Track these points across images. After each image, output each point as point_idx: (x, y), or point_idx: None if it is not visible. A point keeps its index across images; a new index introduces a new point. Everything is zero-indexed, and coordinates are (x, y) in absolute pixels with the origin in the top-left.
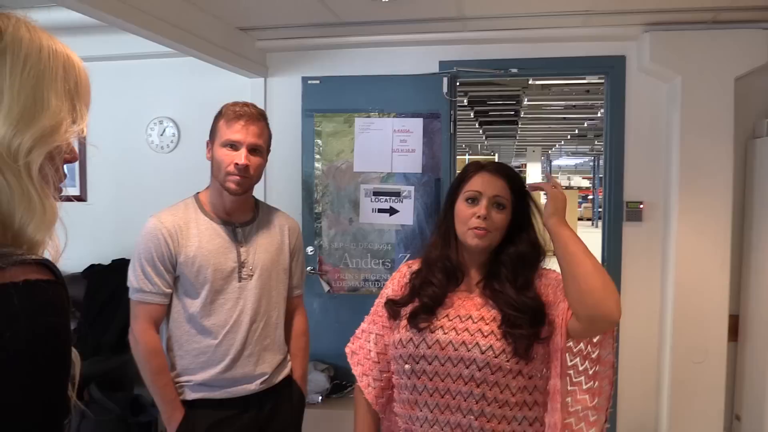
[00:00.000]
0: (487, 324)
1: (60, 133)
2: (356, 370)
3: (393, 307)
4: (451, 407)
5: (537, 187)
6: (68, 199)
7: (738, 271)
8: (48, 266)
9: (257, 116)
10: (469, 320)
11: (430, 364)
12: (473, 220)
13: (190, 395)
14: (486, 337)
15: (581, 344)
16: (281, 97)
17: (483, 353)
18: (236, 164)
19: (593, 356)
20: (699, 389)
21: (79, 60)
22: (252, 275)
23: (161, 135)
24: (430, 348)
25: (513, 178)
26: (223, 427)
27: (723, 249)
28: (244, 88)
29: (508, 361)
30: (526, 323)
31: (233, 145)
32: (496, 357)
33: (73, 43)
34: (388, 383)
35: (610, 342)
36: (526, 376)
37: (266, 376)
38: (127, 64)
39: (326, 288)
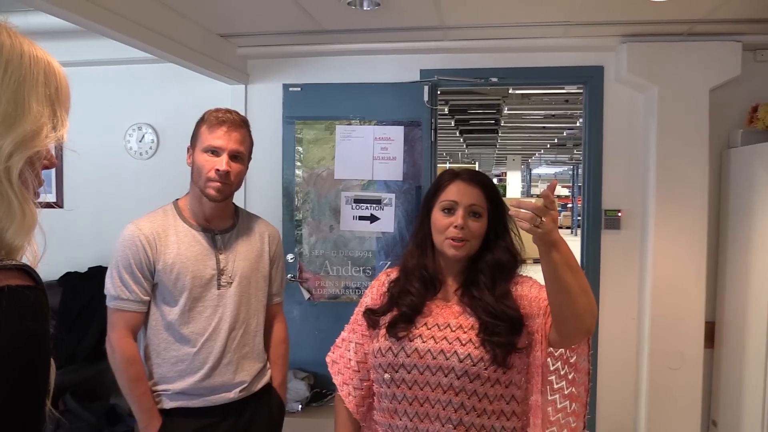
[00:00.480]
0: (465, 332)
1: (40, 138)
2: (337, 379)
3: (371, 316)
4: (430, 416)
5: (523, 215)
6: (48, 205)
7: (714, 278)
8: (28, 272)
9: (240, 123)
10: (448, 329)
11: (409, 373)
12: (450, 230)
13: (168, 404)
14: (464, 345)
15: (561, 348)
16: (262, 104)
17: (461, 362)
18: (217, 170)
19: (571, 361)
20: (676, 395)
21: (60, 66)
22: (231, 283)
23: (140, 141)
24: (408, 357)
25: (488, 186)
26: None
27: (699, 257)
28: (225, 94)
29: (486, 369)
30: (504, 331)
31: (214, 151)
32: (474, 365)
33: (52, 48)
34: (369, 392)
35: (585, 350)
36: (504, 385)
37: (245, 385)
38: (106, 69)
39: (306, 295)
